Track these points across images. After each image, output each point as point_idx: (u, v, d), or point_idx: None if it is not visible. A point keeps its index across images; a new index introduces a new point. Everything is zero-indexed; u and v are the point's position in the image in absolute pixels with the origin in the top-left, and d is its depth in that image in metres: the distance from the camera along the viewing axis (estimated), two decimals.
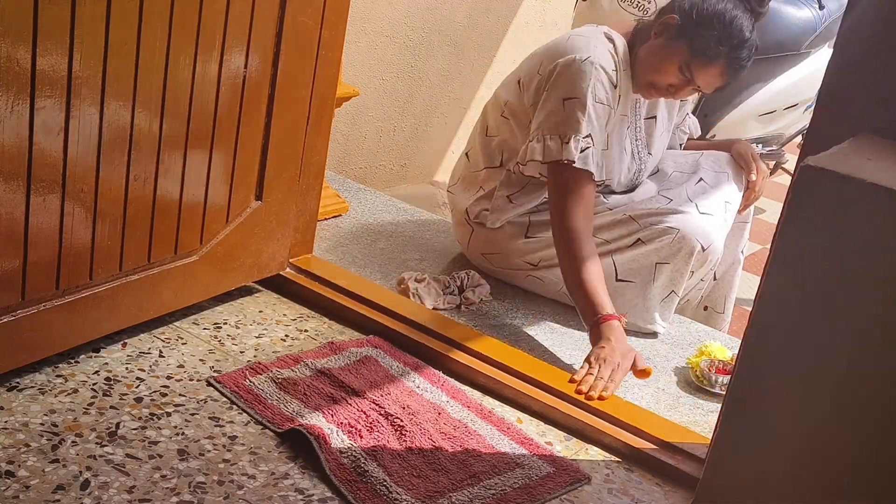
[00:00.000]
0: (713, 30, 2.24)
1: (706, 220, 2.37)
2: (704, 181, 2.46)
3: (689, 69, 2.28)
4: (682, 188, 2.45)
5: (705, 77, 2.30)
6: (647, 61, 2.34)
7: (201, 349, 2.01)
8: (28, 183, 1.63)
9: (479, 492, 1.72)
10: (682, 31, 2.28)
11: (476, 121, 2.62)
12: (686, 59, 2.28)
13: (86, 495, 1.55)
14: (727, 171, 2.50)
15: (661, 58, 2.31)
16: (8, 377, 1.78)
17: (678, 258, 2.34)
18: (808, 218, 1.34)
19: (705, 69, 2.28)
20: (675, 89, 2.34)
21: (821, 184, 1.32)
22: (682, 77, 2.30)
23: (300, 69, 2.08)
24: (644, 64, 2.35)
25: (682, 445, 1.91)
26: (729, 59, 2.27)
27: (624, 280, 2.39)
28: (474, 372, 2.07)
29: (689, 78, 2.30)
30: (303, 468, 1.71)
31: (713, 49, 2.25)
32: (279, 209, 2.18)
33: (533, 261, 2.48)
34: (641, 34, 2.39)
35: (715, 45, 2.25)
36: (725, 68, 2.29)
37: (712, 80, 2.31)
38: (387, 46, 3.34)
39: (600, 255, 2.38)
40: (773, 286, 1.39)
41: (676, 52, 2.29)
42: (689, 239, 2.33)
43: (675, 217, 2.35)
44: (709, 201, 2.41)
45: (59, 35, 1.58)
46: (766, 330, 1.42)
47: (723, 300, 2.64)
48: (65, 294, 1.78)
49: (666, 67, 2.31)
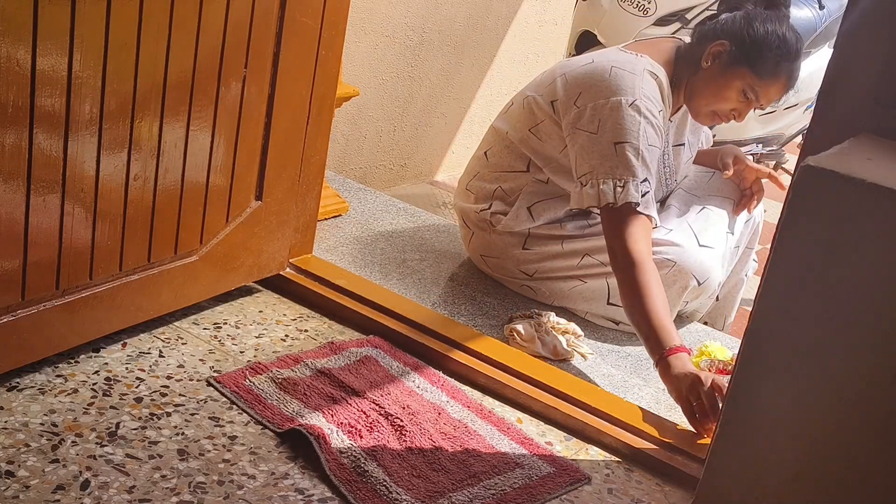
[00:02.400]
0: (770, 50, 2.24)
1: (705, 253, 2.35)
2: (708, 210, 2.44)
3: (754, 91, 2.28)
4: (684, 219, 2.42)
5: (769, 95, 2.30)
6: (706, 91, 2.32)
7: (201, 349, 2.01)
8: (28, 183, 1.63)
9: (479, 492, 1.72)
10: (740, 55, 2.26)
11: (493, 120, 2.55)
12: (750, 82, 2.27)
13: (86, 495, 1.55)
14: (733, 198, 2.48)
15: (720, 85, 2.29)
16: (8, 377, 1.78)
17: (672, 290, 2.31)
18: (808, 218, 1.34)
19: (769, 88, 2.29)
20: (738, 112, 2.33)
21: (821, 184, 1.32)
22: (745, 100, 2.30)
23: (300, 69, 2.08)
24: (702, 94, 2.32)
25: (682, 445, 1.91)
26: (791, 72, 2.29)
27: (615, 304, 2.38)
28: (474, 372, 2.07)
29: (752, 99, 2.29)
30: (303, 468, 1.71)
31: (777, 68, 2.26)
32: (279, 209, 2.18)
33: (528, 271, 2.47)
34: (685, 64, 2.35)
35: (777, 64, 2.25)
36: (787, 82, 2.30)
37: (775, 95, 2.32)
38: (387, 46, 3.34)
39: (595, 275, 2.38)
40: (773, 286, 1.39)
41: (737, 76, 2.27)
42: (684, 273, 2.31)
43: (672, 249, 2.32)
44: (710, 233, 2.39)
45: (59, 35, 1.58)
46: (766, 330, 1.42)
47: (723, 319, 2.63)
48: (65, 294, 1.78)
49: (727, 94, 2.29)
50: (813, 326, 1.37)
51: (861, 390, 1.36)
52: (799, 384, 1.40)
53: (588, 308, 2.43)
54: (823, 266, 1.34)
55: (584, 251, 2.39)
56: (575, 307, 2.45)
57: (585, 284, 2.41)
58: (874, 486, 1.38)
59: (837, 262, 1.33)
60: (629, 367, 2.28)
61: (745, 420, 1.47)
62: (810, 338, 1.38)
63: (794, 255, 1.37)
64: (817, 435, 1.41)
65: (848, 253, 1.33)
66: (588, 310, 2.43)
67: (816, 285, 1.35)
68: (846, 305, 1.34)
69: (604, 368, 2.25)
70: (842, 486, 1.40)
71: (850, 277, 1.33)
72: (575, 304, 2.44)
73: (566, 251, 2.41)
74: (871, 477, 1.38)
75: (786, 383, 1.41)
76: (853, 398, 1.37)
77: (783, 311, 1.39)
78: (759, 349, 1.43)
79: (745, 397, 1.46)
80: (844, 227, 1.32)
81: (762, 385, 1.43)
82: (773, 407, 1.44)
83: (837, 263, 1.33)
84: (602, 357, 2.30)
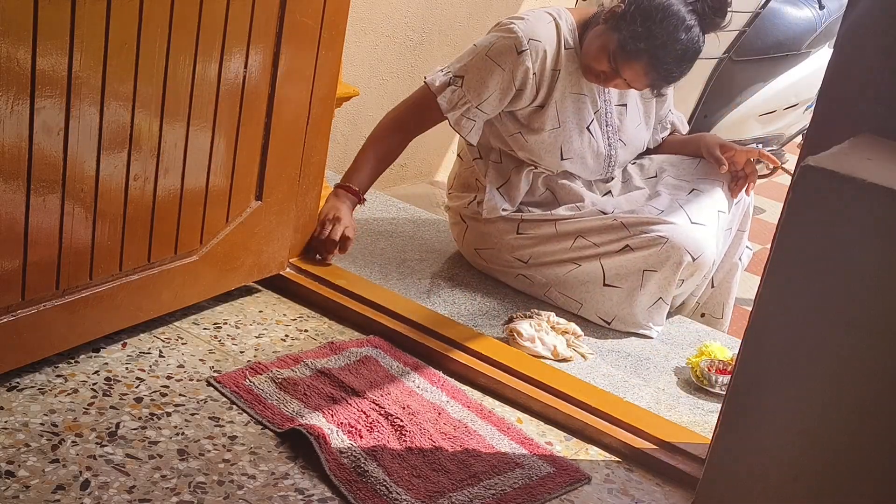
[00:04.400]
0: (638, 26, 2.25)
1: (697, 230, 2.36)
2: (698, 190, 2.45)
3: (615, 61, 2.30)
4: (674, 197, 2.44)
5: (629, 72, 2.31)
6: (588, 45, 2.37)
7: (201, 349, 2.01)
8: (28, 183, 1.63)
9: (479, 492, 1.72)
10: (619, 21, 2.29)
11: None
12: (614, 50, 2.30)
13: (86, 495, 1.55)
14: (722, 179, 2.49)
15: (598, 44, 2.34)
16: (8, 377, 1.78)
17: (666, 267, 2.33)
18: (808, 218, 1.34)
19: (628, 64, 2.30)
20: (605, 77, 2.36)
21: (821, 184, 1.32)
22: (610, 67, 2.32)
23: (300, 69, 2.08)
24: (585, 47, 2.38)
25: (682, 445, 1.91)
26: (651, 59, 2.27)
27: (611, 285, 2.39)
28: (474, 372, 2.07)
29: (614, 69, 2.31)
30: (303, 468, 1.71)
31: (632, 45, 2.26)
32: (279, 209, 2.18)
33: (523, 257, 2.48)
34: (594, 19, 2.40)
35: (635, 42, 2.25)
36: (647, 68, 2.29)
37: (637, 77, 2.32)
38: (387, 46, 3.34)
39: (589, 257, 2.40)
40: (773, 286, 1.39)
41: (609, 41, 2.31)
42: (678, 249, 2.32)
43: (665, 227, 2.33)
44: (701, 211, 2.40)
45: (59, 35, 1.58)
46: (766, 330, 1.42)
47: (720, 307, 2.63)
48: (65, 294, 1.78)
49: (599, 55, 2.33)
50: (813, 326, 1.37)
51: (861, 390, 1.36)
52: (799, 384, 1.40)
53: (585, 291, 2.43)
54: (823, 266, 1.34)
55: (576, 232, 2.41)
56: (572, 294, 2.45)
57: (580, 268, 2.42)
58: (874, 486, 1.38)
59: (837, 261, 1.33)
60: (629, 367, 2.28)
61: (746, 420, 1.47)
62: (810, 338, 1.38)
63: (794, 255, 1.36)
64: (817, 435, 1.41)
65: (848, 253, 1.33)
66: (585, 294, 2.43)
67: (816, 285, 1.35)
68: (846, 305, 1.34)
69: (604, 368, 2.26)
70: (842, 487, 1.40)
71: (850, 277, 1.33)
72: (572, 290, 2.45)
73: (560, 233, 2.43)
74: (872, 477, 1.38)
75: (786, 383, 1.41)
76: (853, 398, 1.37)
77: (783, 311, 1.39)
78: (759, 349, 1.43)
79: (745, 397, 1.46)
80: (844, 227, 1.32)
81: (762, 385, 1.43)
82: (773, 407, 1.44)
83: (837, 263, 1.33)
84: (602, 357, 2.30)
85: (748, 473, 1.47)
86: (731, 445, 1.49)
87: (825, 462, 1.41)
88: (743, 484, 1.48)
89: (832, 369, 1.37)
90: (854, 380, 1.36)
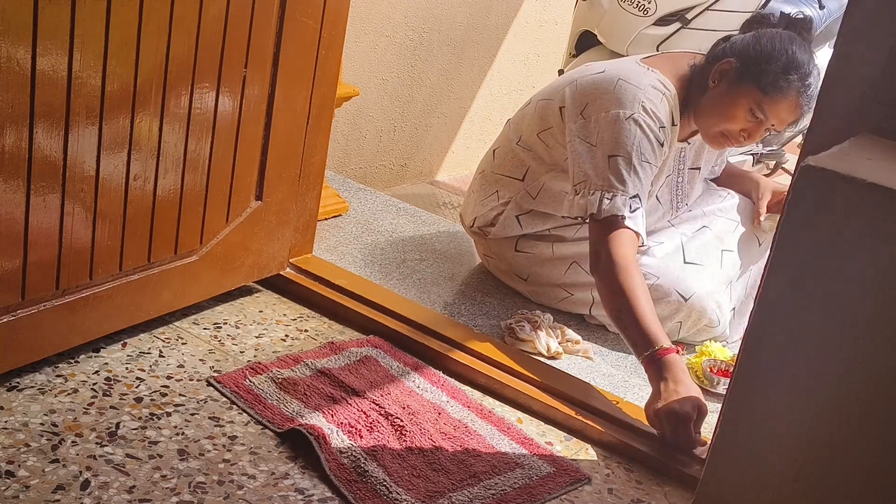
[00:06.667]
0: (777, 62, 2.18)
1: (689, 270, 2.32)
2: (707, 228, 2.41)
3: (761, 108, 2.20)
4: (677, 232, 2.41)
5: (778, 113, 2.22)
6: (714, 111, 2.26)
7: (201, 349, 2.01)
8: (28, 183, 1.63)
9: (479, 492, 1.72)
10: (745, 71, 2.20)
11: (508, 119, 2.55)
12: (756, 99, 2.20)
13: (86, 495, 1.55)
14: (737, 218, 2.45)
15: (727, 104, 2.23)
16: (8, 377, 1.78)
17: (660, 305, 2.26)
18: (808, 218, 1.34)
19: (777, 105, 2.20)
20: (748, 134, 2.25)
21: (821, 184, 1.32)
22: (753, 119, 2.22)
23: (300, 69, 2.08)
24: (710, 114, 2.27)
25: None
26: (801, 89, 2.20)
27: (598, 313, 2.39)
28: (474, 372, 2.07)
29: (761, 119, 2.22)
30: (303, 468, 1.72)
31: (783, 81, 2.18)
32: (279, 209, 2.18)
33: (522, 275, 2.48)
34: (696, 84, 2.29)
35: (784, 77, 2.18)
36: (798, 99, 2.21)
37: (786, 115, 2.23)
38: (387, 46, 3.34)
39: (581, 286, 2.38)
40: (773, 286, 1.39)
41: (743, 94, 2.21)
42: (665, 288, 2.29)
43: (655, 263, 2.32)
44: (701, 250, 2.36)
45: (59, 35, 1.58)
46: (766, 330, 1.42)
47: None
48: (65, 294, 1.78)
49: (735, 113, 2.23)
50: (813, 326, 1.37)
51: (861, 390, 1.36)
52: (799, 384, 1.40)
53: (579, 315, 2.44)
54: (823, 266, 1.34)
55: (572, 257, 2.39)
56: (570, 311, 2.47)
57: (572, 297, 2.42)
58: (875, 486, 1.38)
59: (837, 261, 1.33)
60: (629, 367, 2.28)
61: (746, 420, 1.47)
62: (810, 338, 1.38)
63: (794, 255, 1.36)
64: (818, 435, 1.41)
65: (848, 252, 1.32)
66: (579, 315, 2.44)
67: (816, 285, 1.35)
68: (846, 305, 1.34)
69: (604, 368, 2.26)
70: (842, 487, 1.40)
71: (850, 277, 1.33)
72: (567, 312, 2.46)
73: (556, 256, 2.41)
74: (872, 477, 1.38)
75: (786, 383, 1.41)
76: (853, 398, 1.37)
77: (783, 311, 1.39)
78: (759, 349, 1.43)
79: (745, 397, 1.46)
80: (844, 227, 1.32)
81: (762, 385, 1.43)
82: (773, 407, 1.43)
83: (837, 263, 1.33)
84: (602, 357, 2.30)
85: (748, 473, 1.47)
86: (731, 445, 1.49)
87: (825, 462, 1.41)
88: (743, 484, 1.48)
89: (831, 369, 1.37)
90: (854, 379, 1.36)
